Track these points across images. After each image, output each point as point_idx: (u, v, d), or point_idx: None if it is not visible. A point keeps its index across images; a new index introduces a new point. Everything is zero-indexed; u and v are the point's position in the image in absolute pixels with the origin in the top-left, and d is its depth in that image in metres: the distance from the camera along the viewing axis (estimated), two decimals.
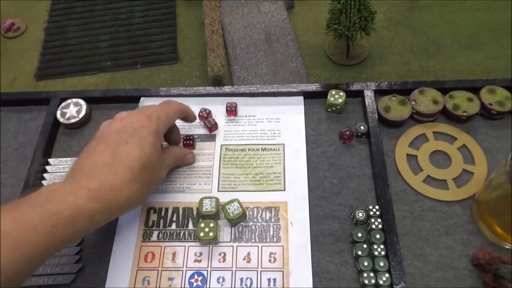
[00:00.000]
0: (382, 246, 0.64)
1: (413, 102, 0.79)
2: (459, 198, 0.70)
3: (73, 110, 0.85)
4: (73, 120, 0.84)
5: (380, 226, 0.66)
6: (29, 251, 0.49)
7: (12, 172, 0.79)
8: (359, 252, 0.64)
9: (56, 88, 1.03)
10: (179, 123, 0.81)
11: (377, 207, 0.68)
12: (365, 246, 0.64)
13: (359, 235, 0.65)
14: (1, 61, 1.26)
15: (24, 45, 1.36)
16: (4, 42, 1.39)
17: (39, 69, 1.14)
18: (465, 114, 0.77)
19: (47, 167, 0.78)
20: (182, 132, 0.80)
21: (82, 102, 0.87)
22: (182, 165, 0.75)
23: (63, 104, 0.86)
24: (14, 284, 0.50)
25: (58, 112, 0.85)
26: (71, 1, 1.84)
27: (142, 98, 0.85)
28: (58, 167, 0.79)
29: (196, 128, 0.81)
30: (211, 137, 0.79)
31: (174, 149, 0.71)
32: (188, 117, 0.75)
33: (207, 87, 0.86)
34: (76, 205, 0.53)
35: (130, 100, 0.87)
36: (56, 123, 0.85)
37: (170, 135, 0.74)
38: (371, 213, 0.67)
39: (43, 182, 0.76)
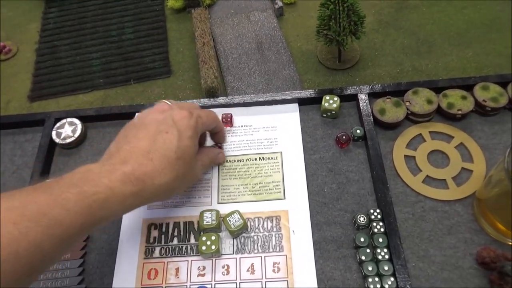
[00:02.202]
0: (385, 250, 0.64)
1: (407, 103, 0.79)
2: (460, 196, 0.70)
3: (68, 129, 0.85)
4: (69, 140, 0.84)
5: (382, 229, 0.66)
6: (64, 231, 0.49)
7: None
8: (363, 257, 0.64)
9: (50, 108, 1.03)
10: None
11: (378, 210, 0.68)
12: (368, 250, 0.64)
13: (362, 239, 0.65)
14: None
15: (16, 67, 1.36)
16: None
17: (32, 90, 1.14)
18: (460, 112, 0.77)
19: None
20: None
21: (77, 121, 0.87)
22: (215, 164, 0.76)
23: (58, 124, 0.86)
24: (48, 264, 0.51)
25: (53, 133, 0.85)
26: (61, 21, 1.84)
27: (137, 114, 0.85)
28: None
29: None
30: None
31: (208, 150, 0.73)
32: (219, 133, 0.76)
33: (202, 99, 0.86)
34: (111, 187, 0.53)
35: (125, 116, 0.87)
36: (52, 144, 0.85)
37: (215, 137, 0.77)
38: (373, 217, 0.67)
39: None
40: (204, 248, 0.65)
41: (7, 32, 1.78)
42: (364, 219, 0.67)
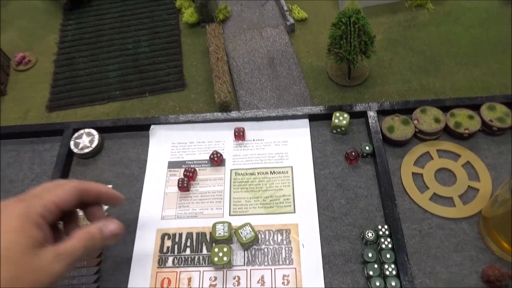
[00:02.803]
0: (393, 266, 0.64)
1: (415, 121, 0.80)
2: (466, 215, 0.71)
3: (86, 140, 0.87)
4: (86, 150, 0.86)
5: (390, 245, 0.67)
6: None
7: None
8: (371, 272, 0.64)
9: (67, 118, 1.06)
10: (193, 149, 0.83)
11: (386, 226, 0.69)
12: (376, 266, 0.65)
13: (370, 255, 0.66)
14: (13, 94, 1.30)
15: (35, 77, 1.40)
16: (16, 75, 1.43)
17: (51, 101, 1.17)
18: (467, 131, 0.78)
19: None
20: (189, 157, 0.82)
21: (94, 132, 0.88)
22: (104, 243, 0.58)
23: (76, 134, 0.88)
24: None
25: (72, 143, 0.86)
26: (79, 33, 1.89)
27: (152, 126, 0.87)
28: None
29: (206, 154, 0.82)
30: (221, 162, 0.81)
31: (81, 231, 0.55)
32: (101, 196, 0.61)
33: (215, 113, 0.88)
34: None
35: (141, 128, 0.89)
36: (70, 153, 0.86)
37: (89, 213, 0.62)
38: (381, 232, 0.68)
39: None
40: (216, 259, 0.66)
41: (26, 43, 1.83)
42: (372, 234, 0.68)
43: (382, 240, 0.67)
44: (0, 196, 0.82)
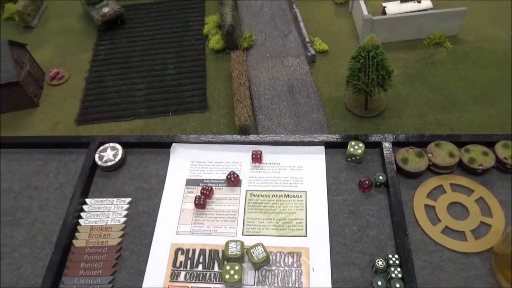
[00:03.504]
0: None
1: (429, 155, 0.80)
2: (478, 250, 0.69)
3: (110, 153, 0.89)
4: (109, 163, 0.88)
5: (400, 275, 0.66)
6: None
7: (52, 210, 0.82)
8: None
9: (94, 132, 1.09)
10: (211, 168, 0.85)
11: (396, 256, 0.68)
12: None
13: (379, 283, 0.65)
14: (45, 106, 1.35)
15: (67, 92, 1.45)
16: (49, 89, 1.49)
17: (80, 115, 1.21)
18: (481, 167, 0.77)
19: (84, 207, 0.81)
20: (206, 176, 0.83)
21: (118, 146, 0.90)
22: None
23: (101, 148, 0.90)
24: None
25: (96, 155, 0.88)
26: (110, 53, 1.97)
27: (173, 144, 0.89)
28: (94, 207, 0.82)
29: (223, 174, 0.84)
30: (237, 183, 0.82)
31: None
32: None
33: (234, 135, 0.89)
34: None
35: (162, 145, 0.91)
36: (94, 166, 0.88)
37: None
38: (391, 262, 0.67)
39: (80, 220, 0.79)
40: (227, 276, 0.66)
41: (61, 60, 1.91)
42: (383, 263, 0.67)
43: (392, 269, 0.66)
44: (25, 202, 0.85)
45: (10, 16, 2.67)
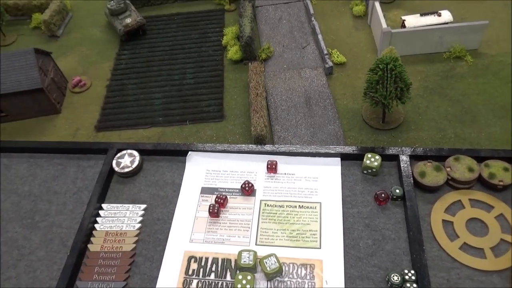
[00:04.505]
0: None
1: (448, 169, 0.79)
2: (497, 268, 0.67)
3: (127, 160, 0.90)
4: (126, 170, 0.88)
5: None
6: None
7: (68, 214, 0.84)
8: None
9: (112, 139, 1.11)
10: (226, 177, 0.85)
11: (412, 271, 0.66)
12: None
13: None
14: (67, 112, 1.39)
15: (88, 99, 1.49)
16: (71, 96, 1.53)
17: (100, 122, 1.24)
18: (501, 183, 0.75)
19: (100, 212, 0.82)
20: (221, 185, 0.83)
21: (135, 153, 0.91)
22: None
23: (119, 154, 0.91)
24: None
25: (114, 162, 0.89)
26: (131, 62, 2.01)
27: (189, 152, 0.89)
28: (110, 212, 0.82)
29: (238, 183, 0.84)
30: (252, 192, 0.82)
31: None
32: None
33: (250, 145, 0.90)
34: None
35: (179, 153, 0.91)
36: (111, 172, 0.89)
37: None
38: (407, 277, 0.66)
39: (96, 225, 0.80)
40: (239, 286, 0.65)
41: (83, 68, 1.96)
42: (398, 278, 0.66)
43: (408, 285, 0.64)
44: (43, 206, 0.86)
45: (37, 26, 2.77)
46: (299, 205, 0.79)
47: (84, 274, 0.73)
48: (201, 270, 0.71)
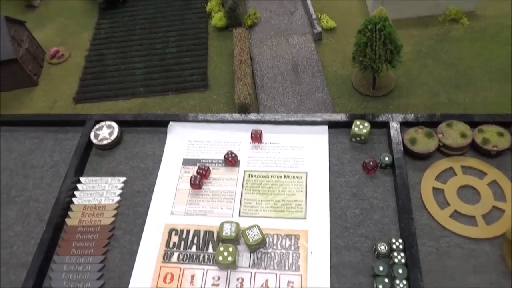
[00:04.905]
0: (404, 282, 0.61)
1: (440, 135, 0.77)
2: (489, 236, 0.67)
3: (106, 132, 0.88)
4: (105, 142, 0.86)
5: (403, 260, 0.63)
6: None
7: (46, 188, 0.82)
8: (380, 287, 0.61)
9: (92, 111, 1.08)
10: (209, 148, 0.83)
11: (400, 240, 0.65)
12: (386, 280, 0.62)
13: (381, 268, 0.63)
14: (44, 84, 1.34)
15: (66, 71, 1.44)
16: (48, 68, 1.48)
17: (78, 93, 1.20)
18: (495, 148, 0.74)
19: (78, 185, 0.80)
20: (204, 156, 0.81)
21: (114, 124, 0.89)
22: None
23: (97, 126, 0.88)
24: None
25: (92, 134, 0.87)
26: (111, 32, 1.95)
27: (171, 123, 0.87)
28: (88, 186, 0.80)
29: (221, 153, 0.82)
30: (235, 163, 0.80)
31: None
32: None
33: (233, 114, 0.87)
34: None
35: (159, 124, 0.89)
36: (90, 144, 0.87)
37: None
38: (394, 246, 0.65)
39: (73, 199, 0.78)
40: (220, 258, 0.64)
41: (61, 39, 1.89)
42: (385, 247, 0.65)
43: (395, 254, 0.64)
44: (19, 180, 0.84)
45: None
46: (284, 175, 0.77)
47: (62, 248, 0.71)
48: (182, 242, 0.70)
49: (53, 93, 1.28)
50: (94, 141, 0.87)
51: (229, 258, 0.64)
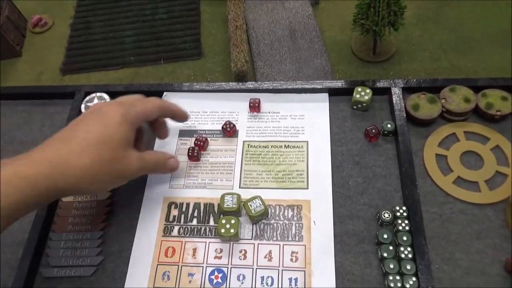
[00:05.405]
0: (409, 249, 0.62)
1: (443, 100, 0.76)
2: (492, 201, 0.67)
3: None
4: None
5: (407, 227, 0.64)
6: None
7: None
8: (385, 254, 0.62)
9: (81, 82, 1.05)
10: (206, 118, 0.81)
11: (404, 208, 0.66)
12: (391, 248, 0.62)
13: (385, 236, 0.63)
14: (28, 55, 1.29)
15: (51, 40, 1.39)
16: (32, 37, 1.43)
17: (65, 64, 1.17)
18: (498, 113, 0.74)
19: None
20: (201, 127, 0.80)
21: (106, 96, 0.87)
22: (165, 170, 0.70)
23: (87, 98, 0.87)
24: None
25: (83, 106, 0.86)
26: None
27: (165, 93, 0.85)
28: None
29: (219, 124, 0.80)
30: (234, 133, 0.79)
31: (156, 152, 0.72)
32: (175, 116, 0.72)
33: (230, 83, 0.85)
34: (15, 171, 0.52)
35: (153, 95, 0.87)
36: None
37: (157, 129, 0.73)
38: (398, 214, 0.65)
39: None
40: (223, 231, 0.64)
41: (44, 6, 1.82)
42: (389, 215, 0.65)
43: (399, 221, 0.64)
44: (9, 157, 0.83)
45: None
46: (285, 145, 0.76)
47: (58, 225, 0.71)
48: (182, 216, 0.70)
49: (38, 64, 1.24)
50: None
51: (232, 231, 0.64)
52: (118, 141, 0.58)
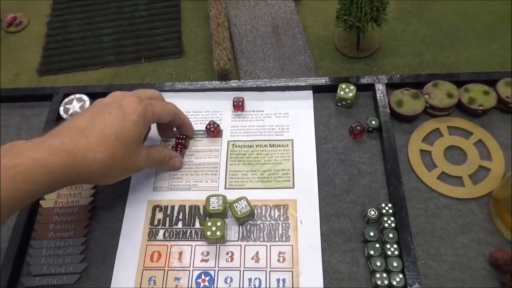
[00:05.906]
0: (395, 246, 0.63)
1: (426, 96, 0.77)
2: (476, 195, 0.69)
3: (76, 105, 0.85)
4: None
5: (393, 224, 0.65)
6: None
7: None
8: (372, 252, 0.63)
9: (59, 83, 1.03)
10: (189, 118, 0.81)
11: (389, 205, 0.67)
12: (377, 245, 0.63)
13: (371, 234, 0.64)
14: (3, 56, 1.26)
15: (26, 40, 1.36)
16: (6, 37, 1.38)
17: (42, 64, 1.14)
18: (481, 108, 0.75)
19: None
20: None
21: (85, 97, 0.86)
22: (167, 167, 0.73)
23: (66, 99, 0.86)
24: None
25: (61, 108, 0.84)
26: None
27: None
28: None
29: (202, 124, 0.80)
30: (218, 133, 0.78)
31: (162, 148, 0.72)
32: (183, 127, 0.75)
33: (213, 82, 0.85)
34: (34, 159, 0.52)
35: None
36: (59, 119, 0.85)
37: (163, 129, 0.76)
38: (384, 211, 0.66)
39: None
40: (209, 233, 0.64)
41: (18, 5, 1.77)
42: (375, 212, 0.66)
43: (385, 218, 0.65)
44: None
45: None
46: (270, 144, 0.76)
47: (38, 232, 0.70)
48: (167, 219, 0.70)
49: (14, 65, 1.21)
50: (65, 116, 0.84)
51: (218, 233, 0.64)
52: (133, 138, 0.61)
